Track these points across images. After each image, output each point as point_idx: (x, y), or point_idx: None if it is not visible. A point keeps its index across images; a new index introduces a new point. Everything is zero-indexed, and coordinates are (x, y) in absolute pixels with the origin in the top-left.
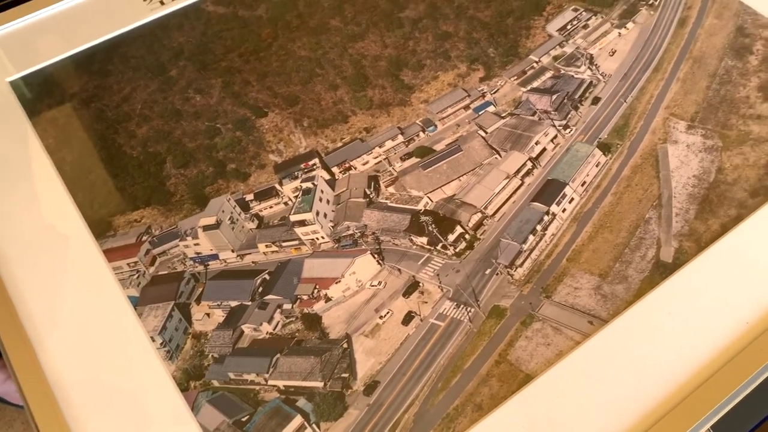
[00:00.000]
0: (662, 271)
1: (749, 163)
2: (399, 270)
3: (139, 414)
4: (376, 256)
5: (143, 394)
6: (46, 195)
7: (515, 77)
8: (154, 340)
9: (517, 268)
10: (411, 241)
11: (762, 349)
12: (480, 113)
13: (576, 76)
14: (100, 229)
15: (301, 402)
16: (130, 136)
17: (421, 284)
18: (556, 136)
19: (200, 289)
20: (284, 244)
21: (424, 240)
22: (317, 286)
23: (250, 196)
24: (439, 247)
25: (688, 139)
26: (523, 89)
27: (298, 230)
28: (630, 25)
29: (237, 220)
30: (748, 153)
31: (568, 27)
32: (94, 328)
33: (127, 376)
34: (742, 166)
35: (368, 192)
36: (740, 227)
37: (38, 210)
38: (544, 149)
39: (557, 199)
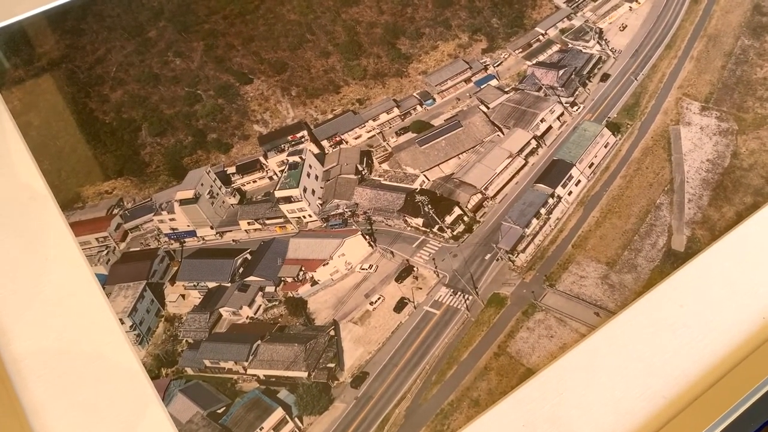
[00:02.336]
0: (674, 260)
1: (766, 148)
2: (392, 253)
3: (105, 403)
4: (367, 237)
5: (109, 381)
6: (9, 161)
7: (520, 50)
8: (123, 323)
9: (518, 253)
10: (405, 222)
11: None
12: (482, 87)
13: (584, 50)
14: (68, 199)
15: (283, 393)
16: (103, 100)
17: (415, 269)
18: (562, 114)
19: (175, 268)
20: (268, 221)
21: (419, 221)
22: (303, 268)
23: (231, 169)
24: (435, 230)
25: (701, 121)
26: (528, 63)
27: (284, 207)
28: None
29: (217, 194)
30: (765, 137)
31: None
32: (57, 308)
33: (93, 361)
34: (759, 151)
35: (360, 168)
36: (756, 215)
37: (0, 178)
38: (550, 127)
39: (563, 181)
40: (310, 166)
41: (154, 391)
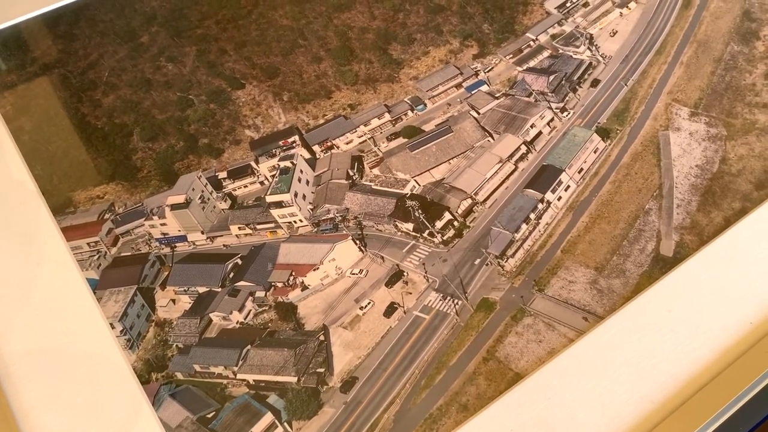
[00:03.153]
0: (662, 265)
1: (755, 153)
2: (382, 258)
3: (95, 408)
4: (357, 242)
5: (100, 385)
6: (1, 166)
7: (511, 55)
8: (113, 327)
9: (508, 258)
10: (396, 227)
11: (766, 351)
12: (473, 92)
13: (575, 56)
14: (59, 204)
15: (273, 398)
16: (95, 105)
17: (405, 273)
18: (552, 119)
19: (166, 273)
20: (259, 226)
21: (409, 226)
22: (293, 273)
23: (223, 174)
24: (425, 235)
25: (691, 126)
26: (519, 68)
27: (275, 212)
28: (632, 4)
29: (208, 199)
30: (753, 143)
31: (568, 5)
32: (48, 313)
33: (83, 365)
34: (747, 157)
35: (351, 173)
36: (744, 221)
37: None
38: (540, 133)
39: (552, 186)
40: (302, 171)
41: (144, 395)
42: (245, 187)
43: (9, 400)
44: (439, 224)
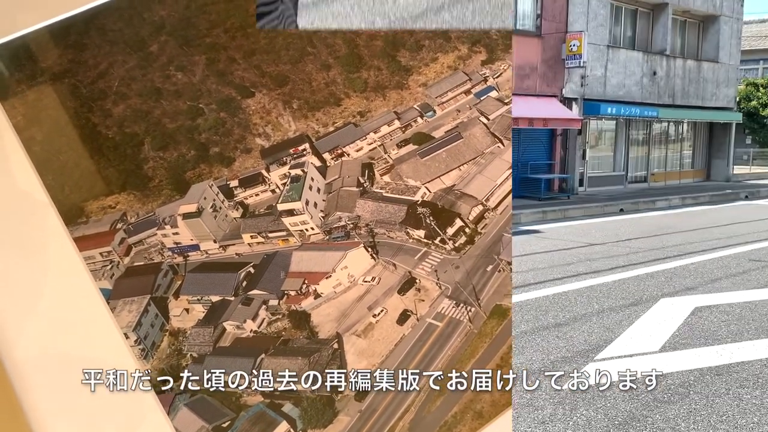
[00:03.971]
0: None
1: None
2: (394, 265)
3: (109, 417)
4: (369, 249)
5: (115, 395)
6: (13, 176)
7: None
8: (127, 337)
9: None
10: (407, 234)
11: None
12: (482, 98)
13: None
14: (72, 214)
15: (287, 407)
16: (105, 114)
17: (417, 281)
18: None
19: (179, 283)
20: (271, 234)
21: (421, 233)
22: (306, 281)
23: (234, 183)
24: (437, 241)
25: None
26: None
27: (286, 220)
28: None
29: (220, 208)
30: None
31: None
32: (62, 323)
33: (97, 375)
34: None
35: (362, 180)
36: None
37: (3, 192)
38: None
39: None
40: (312, 179)
41: (159, 405)
42: (257, 195)
43: (24, 407)
44: (450, 231)
